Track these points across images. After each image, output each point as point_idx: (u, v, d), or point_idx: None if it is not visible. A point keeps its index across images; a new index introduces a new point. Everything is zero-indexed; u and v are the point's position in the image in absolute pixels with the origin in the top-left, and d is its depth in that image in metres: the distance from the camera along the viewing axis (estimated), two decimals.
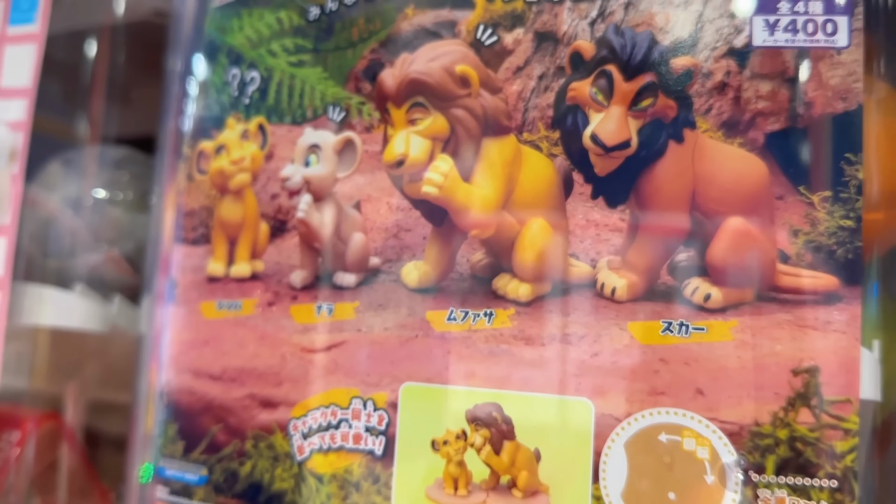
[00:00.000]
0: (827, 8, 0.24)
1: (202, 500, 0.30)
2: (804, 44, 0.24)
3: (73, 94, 0.46)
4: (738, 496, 0.23)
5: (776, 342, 0.23)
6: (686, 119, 0.24)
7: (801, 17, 0.24)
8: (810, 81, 0.24)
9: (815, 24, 0.24)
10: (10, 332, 0.39)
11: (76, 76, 0.46)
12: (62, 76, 0.46)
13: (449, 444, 0.26)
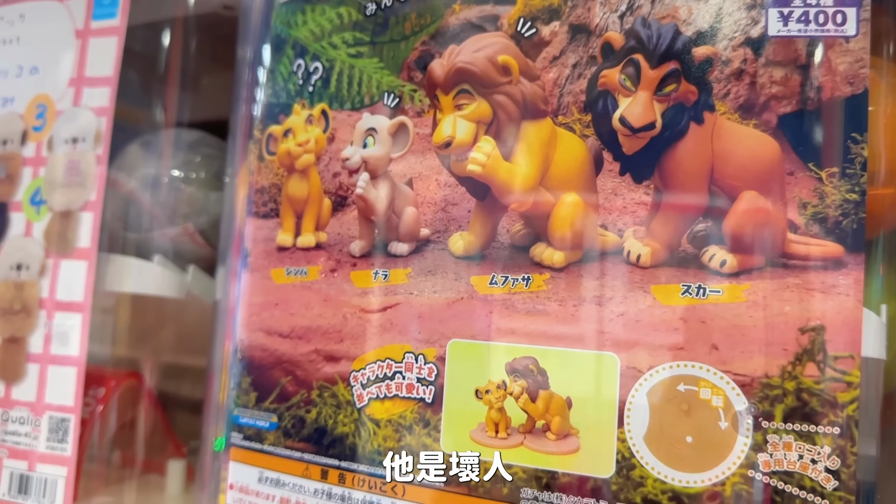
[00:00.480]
0: (837, 0, 0.26)
1: (272, 443, 0.34)
2: (815, 33, 0.26)
3: (149, 83, 0.50)
4: (748, 440, 0.26)
5: (785, 303, 0.26)
6: (706, 103, 0.27)
7: (812, 9, 0.26)
8: (820, 67, 0.26)
9: (825, 15, 0.26)
10: (95, 299, 0.43)
11: (152, 66, 0.50)
12: (139, 66, 0.50)
13: (490, 393, 0.29)
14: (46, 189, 0.45)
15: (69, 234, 0.44)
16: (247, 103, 0.38)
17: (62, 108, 0.45)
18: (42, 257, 0.44)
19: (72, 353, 0.43)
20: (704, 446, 0.26)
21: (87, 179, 0.44)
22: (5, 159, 0.47)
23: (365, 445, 0.32)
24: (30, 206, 0.46)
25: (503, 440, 0.29)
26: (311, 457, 0.33)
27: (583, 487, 0.27)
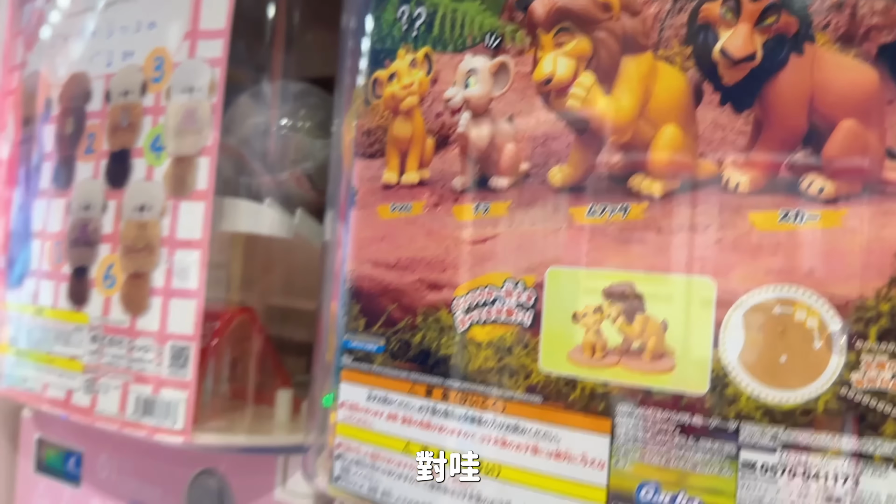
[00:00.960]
0: None
1: (380, 364, 0.37)
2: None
3: (255, 44, 0.53)
4: (842, 360, 0.27)
5: (882, 229, 0.26)
6: (806, 34, 0.28)
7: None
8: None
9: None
10: (211, 239, 0.47)
11: (258, 27, 0.53)
12: (245, 27, 0.53)
13: (587, 317, 0.31)
14: (165, 136, 0.49)
15: (187, 178, 0.48)
16: (352, 55, 0.40)
17: (178, 60, 0.49)
18: (163, 199, 0.48)
19: (191, 286, 0.47)
20: (798, 365, 0.27)
21: (203, 127, 0.47)
22: (127, 109, 0.51)
23: (467, 366, 0.34)
24: (150, 152, 0.50)
25: (599, 360, 0.31)
26: (417, 376, 0.35)
27: (677, 404, 0.29)
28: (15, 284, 0.58)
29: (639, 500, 0.29)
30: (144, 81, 0.50)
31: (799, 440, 0.27)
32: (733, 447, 0.28)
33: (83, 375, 0.51)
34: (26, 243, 0.58)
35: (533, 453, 0.32)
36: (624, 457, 0.30)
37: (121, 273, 0.50)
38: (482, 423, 0.33)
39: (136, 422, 0.49)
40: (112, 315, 0.50)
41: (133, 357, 0.49)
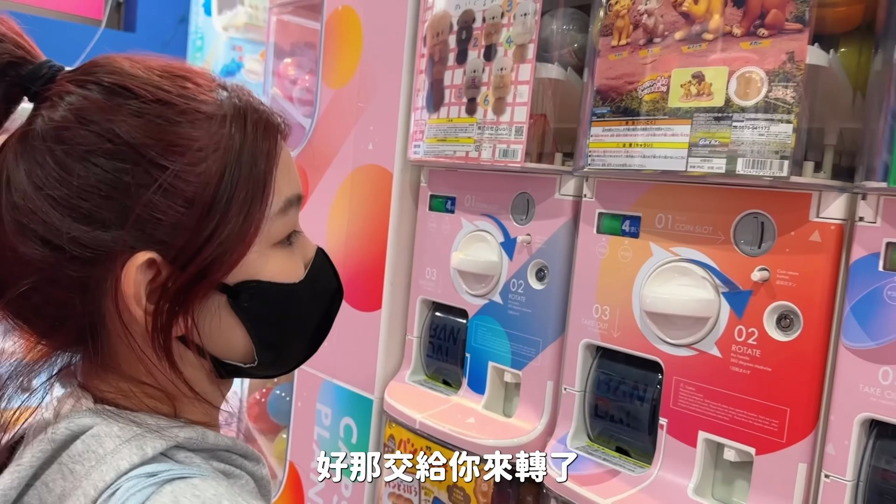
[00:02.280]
0: None
1: None
2: None
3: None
4: None
5: None
6: None
7: None
8: None
9: None
10: (534, 83, 1.08)
11: None
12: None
13: None
14: (513, 36, 1.11)
15: (524, 54, 1.09)
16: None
17: (519, 1, 1.10)
18: (511, 64, 1.11)
19: (523, 100, 1.09)
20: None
21: (530, 30, 1.08)
22: (494, 25, 1.14)
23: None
24: (506, 44, 1.12)
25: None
26: None
27: None
28: (432, 110, 1.24)
29: None
30: (502, 12, 1.12)
31: None
32: None
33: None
34: (434, 91, 1.23)
35: None
36: None
37: (493, 97, 1.13)
38: None
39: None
40: (489, 117, 1.13)
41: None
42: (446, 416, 1.22)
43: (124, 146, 0.54)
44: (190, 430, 0.59)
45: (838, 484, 0.83)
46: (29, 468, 0.54)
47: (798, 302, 0.86)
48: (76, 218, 0.54)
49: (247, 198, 0.57)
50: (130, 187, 0.54)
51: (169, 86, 0.57)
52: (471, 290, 1.25)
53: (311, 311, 0.68)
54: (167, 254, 0.55)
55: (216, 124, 0.57)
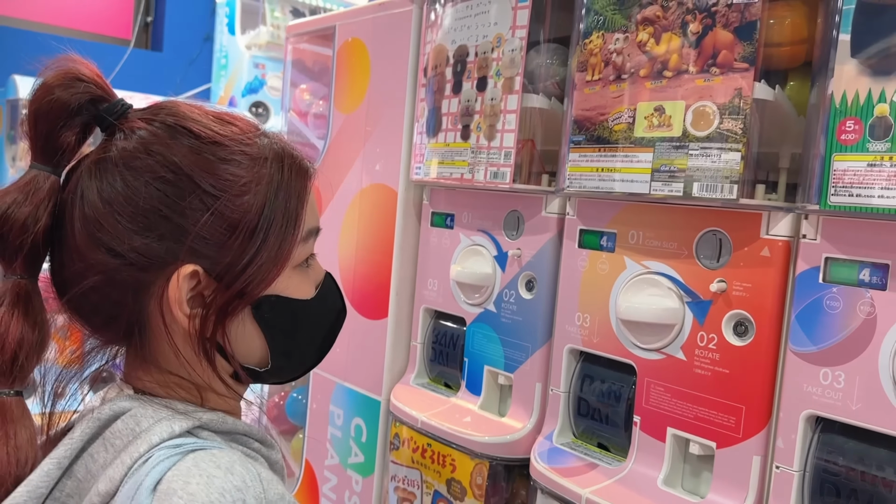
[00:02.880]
0: None
1: None
2: None
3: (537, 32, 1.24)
4: None
5: None
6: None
7: None
8: None
9: None
10: (521, 112, 1.19)
11: (537, 28, 1.24)
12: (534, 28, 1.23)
13: None
14: (501, 69, 1.22)
15: (511, 86, 1.20)
16: (576, 33, 1.10)
17: (507, 38, 1.21)
18: (500, 95, 1.22)
19: (510, 128, 1.20)
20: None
21: (516, 65, 1.20)
22: (485, 59, 1.25)
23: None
24: (496, 76, 1.23)
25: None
26: None
27: None
28: (431, 135, 1.36)
29: None
30: (493, 47, 1.23)
31: None
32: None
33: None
34: (434, 118, 1.35)
35: None
36: None
37: (484, 124, 1.24)
38: None
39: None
40: (481, 142, 1.25)
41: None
42: (445, 416, 1.33)
43: (183, 176, 0.66)
44: (213, 414, 0.71)
45: (787, 474, 0.93)
46: (79, 441, 0.66)
47: (751, 311, 0.96)
48: (137, 231, 0.66)
49: (283, 228, 0.70)
50: (185, 210, 0.66)
51: (221, 129, 0.69)
52: (468, 300, 1.36)
53: (320, 324, 0.79)
54: (211, 269, 0.67)
55: (259, 164, 0.69)
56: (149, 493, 0.59)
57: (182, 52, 4.29)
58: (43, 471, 0.65)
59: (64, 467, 0.65)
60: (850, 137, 0.82)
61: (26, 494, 0.64)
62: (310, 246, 0.75)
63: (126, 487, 0.61)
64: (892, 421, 0.83)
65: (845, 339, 0.88)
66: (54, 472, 0.65)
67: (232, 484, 0.61)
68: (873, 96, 0.80)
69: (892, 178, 0.79)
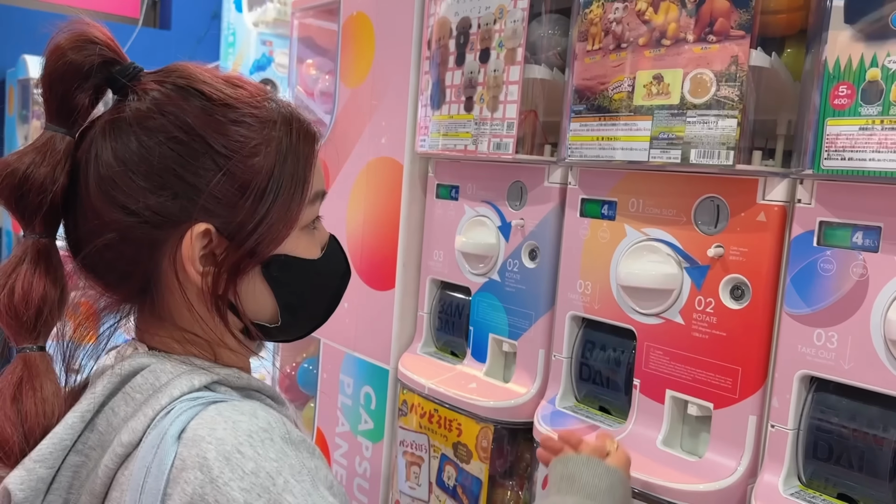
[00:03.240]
0: None
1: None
2: None
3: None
4: None
5: None
6: None
7: None
8: None
9: None
10: (523, 81, 1.21)
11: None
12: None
13: None
14: (508, 41, 1.24)
15: (514, 57, 1.22)
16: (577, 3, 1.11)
17: (510, 9, 1.23)
18: (502, 66, 1.23)
19: (513, 99, 1.22)
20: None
21: (518, 35, 1.21)
22: (488, 30, 1.27)
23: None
24: (498, 47, 1.25)
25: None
26: None
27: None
28: (435, 107, 1.38)
29: None
30: (495, 19, 1.25)
31: None
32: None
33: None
34: (438, 91, 1.37)
35: None
36: None
37: (487, 95, 1.26)
38: None
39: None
40: (484, 113, 1.27)
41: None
42: (452, 383, 1.36)
43: (196, 136, 0.68)
44: (229, 370, 0.74)
45: (782, 433, 0.95)
46: (100, 395, 0.68)
47: (748, 275, 0.99)
48: (151, 190, 0.68)
49: (291, 190, 0.72)
50: (198, 170, 0.68)
51: (231, 92, 0.71)
52: (473, 270, 1.39)
53: (326, 283, 0.82)
54: (223, 228, 0.69)
55: (269, 127, 0.71)
56: (174, 441, 0.62)
57: (190, 30, 4.30)
58: (67, 423, 0.68)
59: (87, 420, 0.68)
60: (843, 102, 0.84)
61: (52, 446, 0.67)
62: (316, 208, 0.78)
63: (150, 437, 0.64)
64: (882, 379, 0.86)
65: (838, 301, 0.90)
66: (77, 424, 0.68)
67: (258, 426, 0.63)
68: (865, 61, 0.82)
69: (884, 141, 0.80)
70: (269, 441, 0.62)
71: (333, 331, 1.71)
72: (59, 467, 0.67)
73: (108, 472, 0.66)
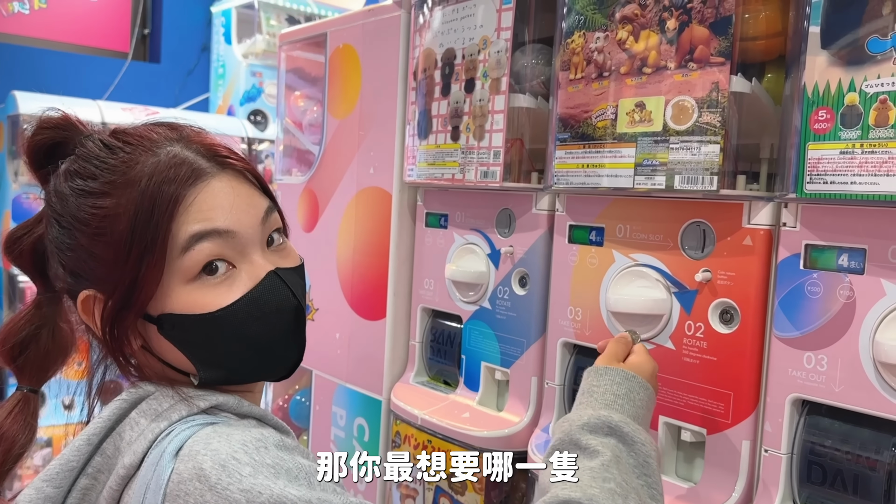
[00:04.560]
0: None
1: None
2: None
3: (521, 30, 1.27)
4: None
5: None
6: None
7: None
8: None
9: None
10: (508, 111, 1.22)
11: (522, 28, 1.26)
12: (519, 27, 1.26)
13: None
14: (489, 70, 1.25)
15: (498, 87, 1.23)
16: (559, 32, 1.12)
17: (493, 40, 1.24)
18: (488, 95, 1.24)
19: (498, 127, 1.23)
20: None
21: (502, 66, 1.22)
22: (472, 61, 1.28)
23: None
24: (482, 77, 1.26)
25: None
26: None
27: None
28: (422, 137, 1.39)
29: None
30: (479, 49, 1.26)
31: None
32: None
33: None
34: (424, 120, 1.37)
35: None
36: None
37: (474, 125, 1.27)
38: None
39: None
40: (471, 142, 1.27)
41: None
42: (444, 413, 1.35)
43: (70, 217, 0.73)
44: (230, 396, 0.74)
45: (776, 457, 0.95)
46: (107, 420, 0.71)
47: (736, 299, 0.99)
48: (61, 266, 0.76)
49: (146, 249, 0.69)
50: (73, 246, 0.74)
51: (105, 161, 0.73)
52: (464, 298, 1.39)
53: (256, 330, 0.73)
54: (101, 290, 0.73)
55: (132, 189, 0.71)
56: (171, 458, 0.64)
57: (180, 63, 4.32)
58: (74, 446, 0.70)
59: (94, 444, 0.70)
60: (823, 126, 0.85)
61: (58, 467, 0.69)
62: (199, 253, 0.71)
63: (150, 457, 0.66)
64: (873, 401, 0.86)
65: (827, 324, 0.90)
66: (84, 447, 0.70)
67: (251, 436, 0.65)
68: (843, 86, 0.83)
69: (864, 164, 0.81)
70: (263, 449, 0.64)
71: (325, 362, 1.71)
72: (69, 489, 0.69)
73: (112, 493, 0.68)
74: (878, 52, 0.80)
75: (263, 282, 0.73)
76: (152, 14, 4.37)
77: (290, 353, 0.78)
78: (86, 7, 4.17)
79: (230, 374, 0.76)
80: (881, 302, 0.85)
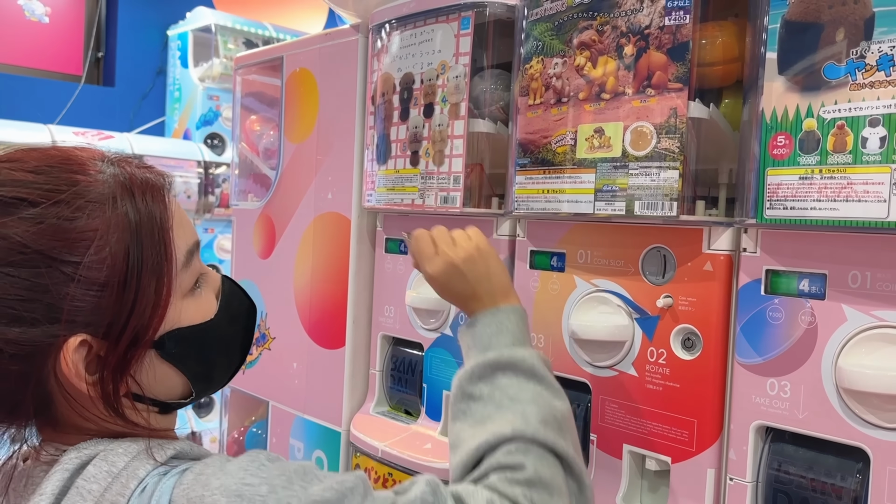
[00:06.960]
0: None
1: None
2: None
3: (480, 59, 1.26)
4: None
5: None
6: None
7: None
8: None
9: None
10: (467, 137, 1.20)
11: (479, 56, 1.26)
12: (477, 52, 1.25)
13: None
14: (456, 95, 1.23)
15: (457, 112, 1.22)
16: (517, 58, 1.11)
17: (451, 64, 1.23)
18: (447, 121, 1.23)
19: (458, 152, 1.21)
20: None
21: (461, 91, 1.21)
22: (431, 86, 1.26)
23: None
24: (443, 103, 1.24)
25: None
26: None
27: None
28: (381, 162, 1.36)
29: None
30: (437, 74, 1.25)
31: None
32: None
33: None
34: (383, 145, 1.35)
35: None
36: None
37: (433, 149, 1.25)
38: None
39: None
40: (430, 167, 1.25)
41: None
42: (405, 444, 1.32)
43: (34, 253, 0.61)
44: (182, 443, 0.69)
45: (741, 486, 0.93)
46: (50, 496, 0.61)
47: (698, 324, 0.98)
48: (7, 323, 0.61)
49: (155, 264, 0.64)
50: (48, 287, 0.61)
51: (57, 183, 0.63)
52: (425, 325, 1.36)
53: (232, 333, 0.77)
54: (97, 332, 0.63)
55: (109, 207, 0.63)
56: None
57: (135, 87, 4.25)
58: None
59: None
60: (782, 152, 0.84)
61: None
62: (194, 266, 0.71)
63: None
64: (837, 428, 0.85)
65: (789, 349, 0.89)
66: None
67: (242, 461, 0.63)
68: (801, 112, 0.83)
69: (823, 190, 0.81)
70: (263, 466, 0.63)
71: (282, 392, 1.66)
72: None
73: None
74: (833, 77, 0.80)
75: (224, 286, 0.77)
76: (106, 37, 4.29)
77: (245, 353, 0.80)
78: (37, 29, 4.08)
79: (213, 384, 0.77)
80: (843, 327, 0.85)
